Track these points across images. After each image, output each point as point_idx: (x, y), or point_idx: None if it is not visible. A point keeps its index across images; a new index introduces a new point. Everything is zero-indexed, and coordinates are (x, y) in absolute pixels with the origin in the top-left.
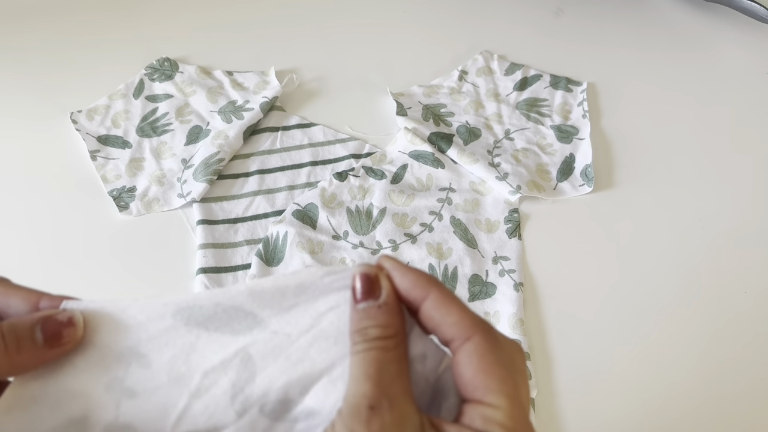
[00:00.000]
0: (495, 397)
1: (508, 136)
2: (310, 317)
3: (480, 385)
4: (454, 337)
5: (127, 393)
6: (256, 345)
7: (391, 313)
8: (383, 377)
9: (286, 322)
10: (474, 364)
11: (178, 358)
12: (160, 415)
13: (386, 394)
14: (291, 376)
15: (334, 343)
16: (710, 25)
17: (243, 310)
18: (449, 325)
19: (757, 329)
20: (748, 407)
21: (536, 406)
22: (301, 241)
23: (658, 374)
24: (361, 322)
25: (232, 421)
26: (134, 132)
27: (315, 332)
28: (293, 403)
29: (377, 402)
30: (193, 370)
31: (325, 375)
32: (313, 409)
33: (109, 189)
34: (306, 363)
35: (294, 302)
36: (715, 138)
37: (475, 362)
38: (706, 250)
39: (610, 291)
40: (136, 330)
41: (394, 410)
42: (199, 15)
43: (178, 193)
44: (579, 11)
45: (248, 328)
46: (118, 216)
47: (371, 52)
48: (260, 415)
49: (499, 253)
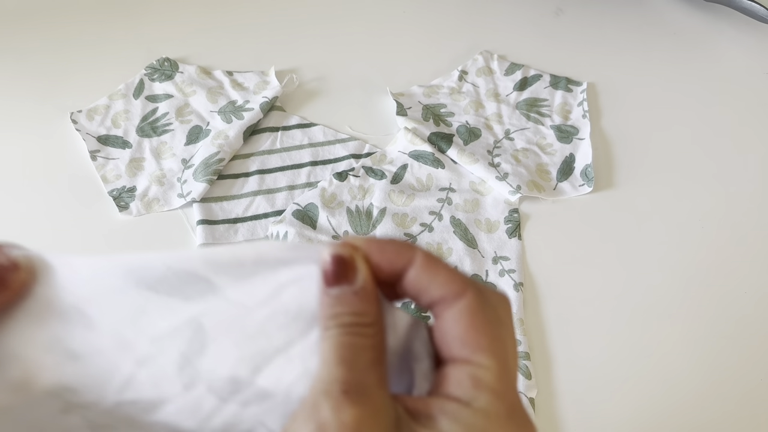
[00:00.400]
0: (484, 356)
1: (508, 136)
2: (270, 288)
3: (470, 342)
4: (444, 296)
5: (68, 354)
6: (209, 314)
7: (368, 299)
8: (358, 363)
9: (243, 291)
10: (465, 321)
11: (124, 322)
12: (103, 381)
13: (361, 382)
14: (244, 351)
15: (294, 318)
16: (710, 26)
17: (196, 275)
18: (439, 284)
19: (757, 329)
20: (748, 407)
21: (536, 406)
22: (301, 241)
23: (658, 374)
24: (333, 308)
25: (178, 392)
26: (134, 132)
27: (274, 305)
28: (244, 384)
29: (352, 388)
30: (140, 336)
31: (282, 353)
32: (266, 391)
33: (109, 189)
34: (262, 338)
35: (253, 271)
36: (715, 138)
37: (467, 319)
38: (705, 250)
39: (610, 291)
40: (80, 287)
41: (369, 401)
42: (199, 15)
43: (178, 193)
44: (579, 11)
45: (201, 295)
46: (118, 216)
47: (371, 52)
48: (208, 393)
49: (499, 253)
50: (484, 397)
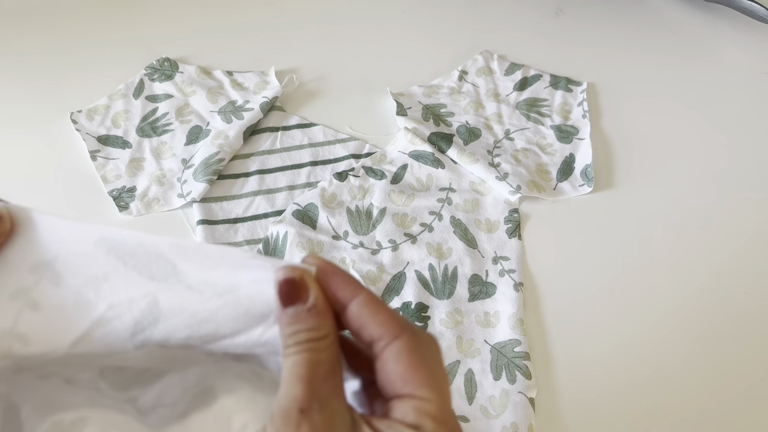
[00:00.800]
0: (426, 390)
1: (508, 136)
2: (229, 283)
3: (411, 380)
4: (381, 336)
5: (31, 304)
6: (167, 294)
7: (320, 315)
8: (314, 379)
9: (203, 280)
10: (404, 361)
11: (89, 284)
12: (58, 334)
13: (317, 395)
14: (193, 333)
15: (243, 314)
16: (710, 26)
17: (165, 258)
18: (378, 323)
19: (757, 329)
20: (748, 407)
21: (536, 406)
22: (301, 241)
23: (658, 374)
24: (290, 327)
25: (130, 350)
26: (134, 132)
27: (228, 298)
28: (196, 349)
29: (307, 405)
30: (100, 299)
31: (226, 339)
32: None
33: (109, 189)
34: (211, 324)
35: (215, 265)
36: (715, 138)
37: (405, 358)
38: (705, 250)
39: (610, 291)
40: (56, 246)
41: (324, 411)
42: (199, 15)
43: (178, 193)
44: (579, 11)
45: (165, 277)
46: (118, 216)
47: (371, 52)
48: (160, 349)
49: (499, 253)
50: (430, 424)
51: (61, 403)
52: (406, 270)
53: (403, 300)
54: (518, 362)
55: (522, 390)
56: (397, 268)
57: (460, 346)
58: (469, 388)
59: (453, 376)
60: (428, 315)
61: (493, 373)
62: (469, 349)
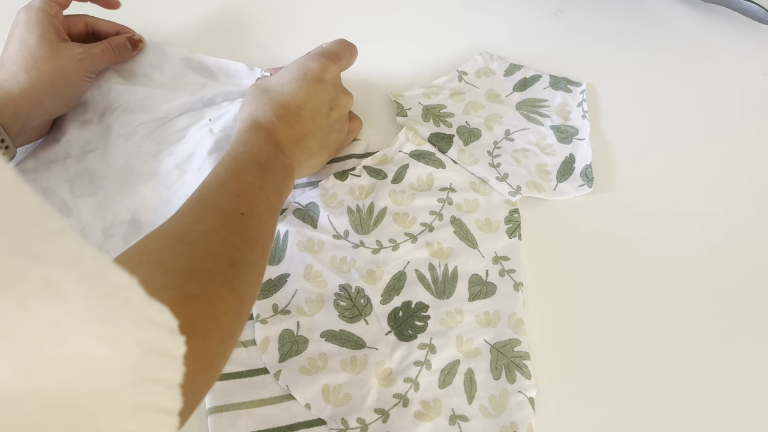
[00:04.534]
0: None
1: (508, 136)
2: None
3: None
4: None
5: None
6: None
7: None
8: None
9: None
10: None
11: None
12: (146, 105)
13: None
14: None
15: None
16: (710, 26)
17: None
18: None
19: (757, 330)
20: (747, 407)
21: (536, 406)
22: (302, 240)
23: (658, 374)
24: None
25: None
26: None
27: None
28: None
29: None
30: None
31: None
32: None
33: None
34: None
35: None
36: (715, 138)
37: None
38: (705, 250)
39: (610, 291)
40: (159, 57)
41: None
42: (197, 15)
43: None
44: (579, 11)
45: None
46: None
47: (371, 52)
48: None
49: (499, 253)
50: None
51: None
52: (406, 269)
53: (404, 299)
54: (518, 362)
55: (522, 390)
56: (397, 268)
57: (460, 345)
58: (469, 388)
59: (453, 375)
60: (428, 314)
61: (493, 372)
62: (469, 349)
